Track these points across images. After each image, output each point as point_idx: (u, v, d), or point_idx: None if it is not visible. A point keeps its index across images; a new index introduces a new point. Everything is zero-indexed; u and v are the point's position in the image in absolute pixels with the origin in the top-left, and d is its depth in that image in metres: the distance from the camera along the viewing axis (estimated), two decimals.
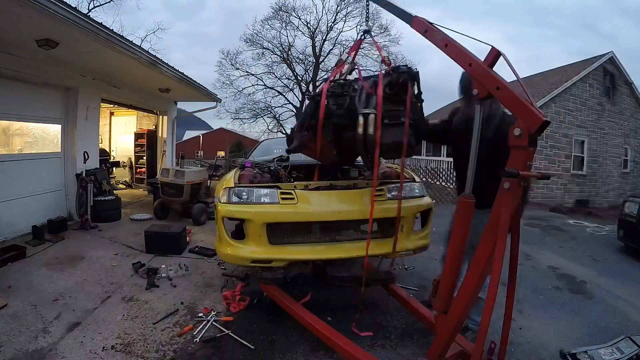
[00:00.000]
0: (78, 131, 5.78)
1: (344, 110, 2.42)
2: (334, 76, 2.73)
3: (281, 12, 21.38)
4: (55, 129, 5.62)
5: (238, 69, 22.33)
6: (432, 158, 13.38)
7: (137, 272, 3.57)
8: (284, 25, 21.78)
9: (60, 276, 3.46)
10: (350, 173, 3.46)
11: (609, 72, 12.30)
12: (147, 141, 9.41)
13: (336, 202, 2.74)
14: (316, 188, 2.86)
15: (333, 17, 21.66)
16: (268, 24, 21.69)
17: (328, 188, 2.90)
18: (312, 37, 22.09)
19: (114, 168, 9.22)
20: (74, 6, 3.78)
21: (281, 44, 22.00)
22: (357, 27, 20.84)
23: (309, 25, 21.85)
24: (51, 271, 3.56)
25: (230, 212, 2.68)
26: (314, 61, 22.11)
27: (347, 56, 2.88)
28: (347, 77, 2.71)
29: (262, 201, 2.68)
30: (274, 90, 22.94)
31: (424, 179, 9.95)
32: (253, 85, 22.75)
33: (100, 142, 7.30)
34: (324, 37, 21.95)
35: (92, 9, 17.29)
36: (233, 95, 22.48)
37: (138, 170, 9.81)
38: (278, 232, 2.71)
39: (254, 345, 2.41)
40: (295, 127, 2.89)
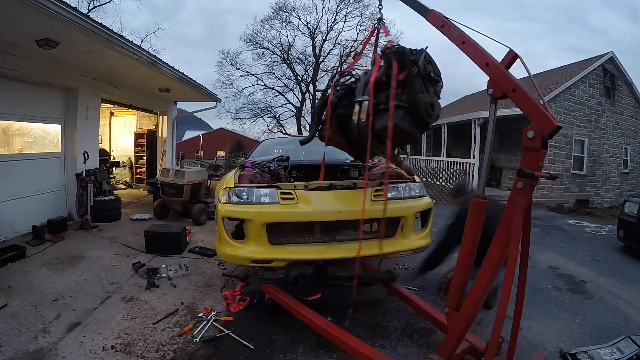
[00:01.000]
0: (78, 131, 5.78)
1: (347, 100, 2.44)
2: (351, 68, 2.76)
3: (281, 12, 21.42)
4: (55, 129, 5.63)
5: (238, 69, 22.38)
6: (432, 158, 13.35)
7: (137, 272, 3.57)
8: (284, 25, 21.80)
9: (60, 276, 3.46)
10: (350, 173, 3.45)
11: (609, 72, 12.28)
12: (147, 141, 9.40)
13: (336, 202, 2.74)
14: (316, 188, 2.86)
15: (333, 17, 21.63)
16: (268, 24, 21.73)
17: (328, 188, 2.90)
18: (312, 37, 22.07)
19: (114, 168, 9.23)
20: (74, 6, 3.78)
21: (281, 44, 22.02)
22: (357, 27, 20.89)
23: (309, 25, 21.84)
24: (51, 271, 3.56)
25: (230, 212, 2.68)
26: (314, 61, 22.09)
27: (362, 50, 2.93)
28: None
29: (262, 201, 2.68)
30: (274, 90, 22.97)
31: (424, 179, 9.94)
32: (253, 85, 22.79)
33: (100, 142, 7.29)
34: (324, 37, 21.94)
35: (92, 9, 17.30)
36: (233, 95, 22.54)
37: (138, 170, 9.80)
38: (278, 232, 2.71)
39: (254, 345, 2.41)
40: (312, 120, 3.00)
